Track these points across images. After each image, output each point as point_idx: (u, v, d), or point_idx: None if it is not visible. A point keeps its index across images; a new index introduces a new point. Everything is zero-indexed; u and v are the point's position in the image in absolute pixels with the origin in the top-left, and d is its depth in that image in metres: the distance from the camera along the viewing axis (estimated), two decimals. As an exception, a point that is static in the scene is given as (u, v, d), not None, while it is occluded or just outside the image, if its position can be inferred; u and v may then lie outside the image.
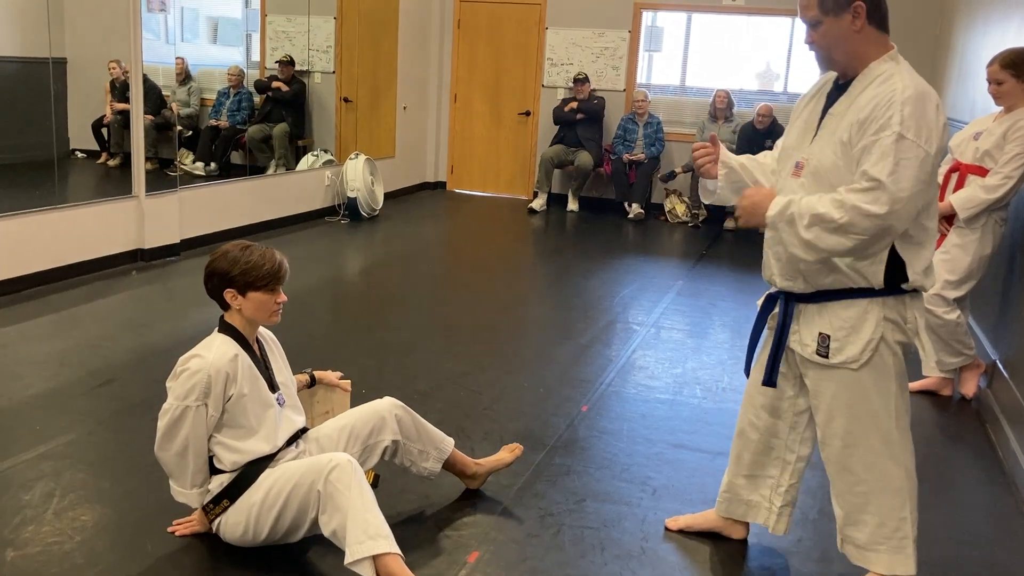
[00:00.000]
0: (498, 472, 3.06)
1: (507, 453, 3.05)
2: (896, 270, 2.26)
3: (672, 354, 4.71)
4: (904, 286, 2.27)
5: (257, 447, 2.52)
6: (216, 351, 2.49)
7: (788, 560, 2.74)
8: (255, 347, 2.62)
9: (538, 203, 9.11)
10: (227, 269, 2.50)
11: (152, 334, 4.59)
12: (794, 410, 2.58)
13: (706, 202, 2.72)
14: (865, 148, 2.14)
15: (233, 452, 2.52)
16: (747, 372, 2.68)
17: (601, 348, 4.73)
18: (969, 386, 4.16)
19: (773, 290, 2.48)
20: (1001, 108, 3.94)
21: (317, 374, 2.97)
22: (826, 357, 2.33)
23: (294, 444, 2.63)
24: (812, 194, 2.23)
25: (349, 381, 3.02)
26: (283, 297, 2.57)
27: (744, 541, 2.80)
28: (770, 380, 2.50)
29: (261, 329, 2.67)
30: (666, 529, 2.85)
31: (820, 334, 2.34)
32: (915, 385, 4.23)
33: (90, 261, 5.62)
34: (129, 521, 2.75)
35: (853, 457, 2.39)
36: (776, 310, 2.48)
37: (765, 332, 2.57)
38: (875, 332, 2.28)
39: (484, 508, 2.91)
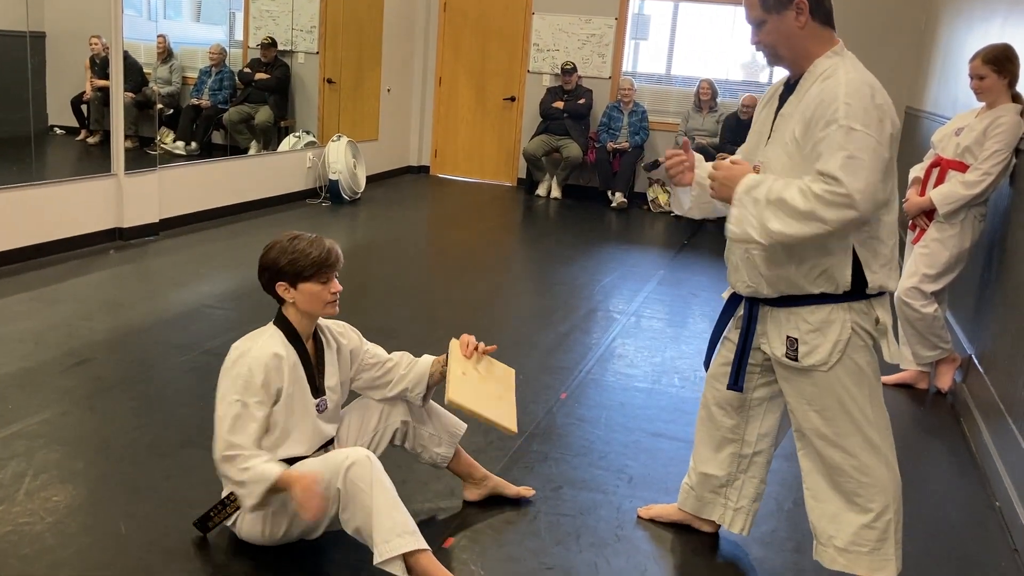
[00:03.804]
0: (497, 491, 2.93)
1: (523, 488, 2.95)
2: (860, 272, 2.22)
3: (651, 343, 4.72)
4: (868, 290, 2.24)
5: (287, 451, 2.43)
6: (261, 345, 2.40)
7: (762, 550, 2.75)
8: (309, 344, 2.51)
9: (543, 189, 9.13)
10: (276, 259, 2.41)
11: (129, 314, 4.55)
12: (750, 404, 2.57)
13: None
14: (816, 145, 2.12)
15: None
16: (706, 365, 2.67)
17: (581, 336, 4.74)
18: (945, 380, 4.20)
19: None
20: (983, 104, 3.96)
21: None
22: (796, 360, 2.30)
23: (323, 449, 2.54)
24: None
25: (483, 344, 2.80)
26: (338, 286, 2.47)
27: (717, 532, 2.81)
28: (736, 384, 2.46)
29: (329, 323, 2.59)
30: (638, 517, 2.87)
31: (788, 337, 2.31)
32: (891, 378, 4.27)
33: (68, 239, 5.56)
34: (102, 502, 2.73)
35: (833, 457, 2.34)
36: (741, 312, 2.47)
37: (729, 325, 2.56)
38: (842, 333, 2.24)
39: (460, 494, 2.90)
